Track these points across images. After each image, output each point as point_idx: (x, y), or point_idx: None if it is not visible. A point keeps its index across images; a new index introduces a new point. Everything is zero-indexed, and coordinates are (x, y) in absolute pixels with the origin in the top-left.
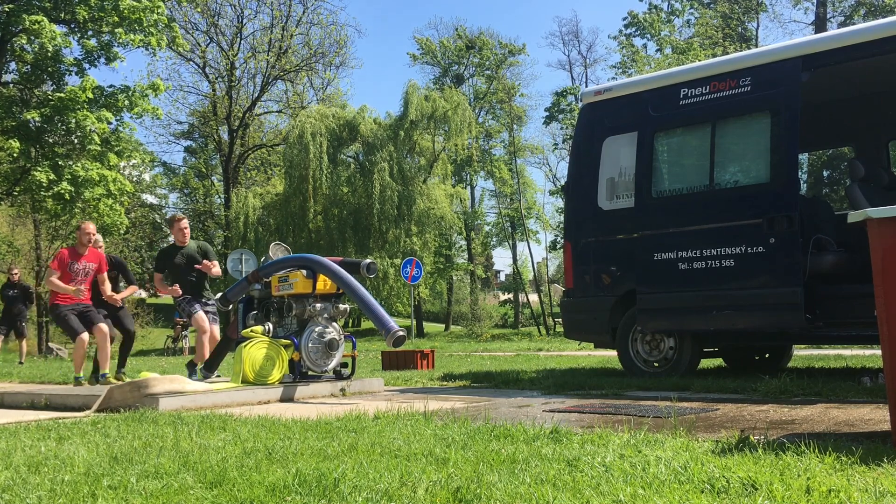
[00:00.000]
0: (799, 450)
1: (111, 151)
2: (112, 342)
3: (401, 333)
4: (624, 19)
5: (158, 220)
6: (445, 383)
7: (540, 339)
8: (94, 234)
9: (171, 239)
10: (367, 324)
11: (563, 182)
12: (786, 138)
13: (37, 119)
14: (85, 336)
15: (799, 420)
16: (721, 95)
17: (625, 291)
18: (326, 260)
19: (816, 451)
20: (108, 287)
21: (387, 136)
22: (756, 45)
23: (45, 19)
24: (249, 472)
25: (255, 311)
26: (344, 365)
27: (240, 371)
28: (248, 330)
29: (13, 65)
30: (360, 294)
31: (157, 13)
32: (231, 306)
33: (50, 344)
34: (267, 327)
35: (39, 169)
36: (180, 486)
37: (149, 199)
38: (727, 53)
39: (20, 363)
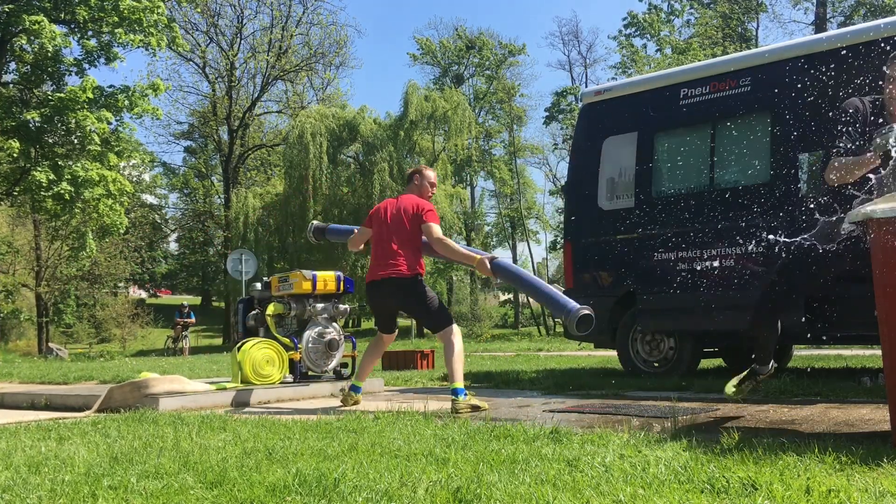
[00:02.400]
0: (799, 450)
1: (111, 152)
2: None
3: (585, 311)
4: (624, 19)
5: (158, 220)
6: (445, 383)
7: (540, 339)
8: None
9: None
10: (367, 324)
11: (563, 182)
12: (786, 138)
13: (37, 119)
14: None
15: (799, 420)
16: (721, 95)
17: (625, 292)
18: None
19: (816, 451)
20: None
21: (387, 137)
22: (756, 45)
23: (45, 19)
24: (250, 472)
25: (255, 311)
26: (344, 365)
27: (239, 371)
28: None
29: (13, 65)
30: (528, 279)
31: (157, 13)
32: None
33: (50, 344)
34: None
35: (39, 169)
36: (180, 486)
37: (149, 199)
38: (727, 53)
39: None
